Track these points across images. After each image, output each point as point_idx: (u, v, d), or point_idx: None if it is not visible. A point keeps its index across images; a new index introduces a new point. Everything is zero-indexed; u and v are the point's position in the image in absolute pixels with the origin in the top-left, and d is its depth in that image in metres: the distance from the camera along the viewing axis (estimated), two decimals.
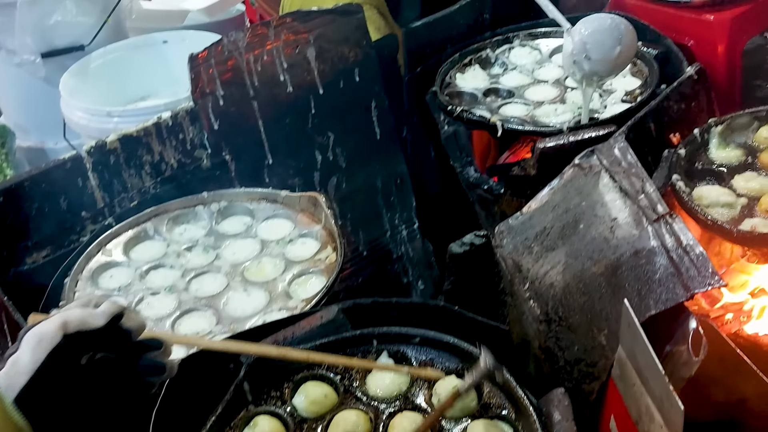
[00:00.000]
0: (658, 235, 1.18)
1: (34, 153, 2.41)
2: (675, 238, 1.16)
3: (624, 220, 1.25)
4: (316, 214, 1.74)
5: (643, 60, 2.04)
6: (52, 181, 1.66)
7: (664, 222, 1.19)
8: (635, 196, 1.27)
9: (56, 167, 1.67)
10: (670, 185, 1.58)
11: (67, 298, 1.55)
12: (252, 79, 1.86)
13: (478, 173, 2.04)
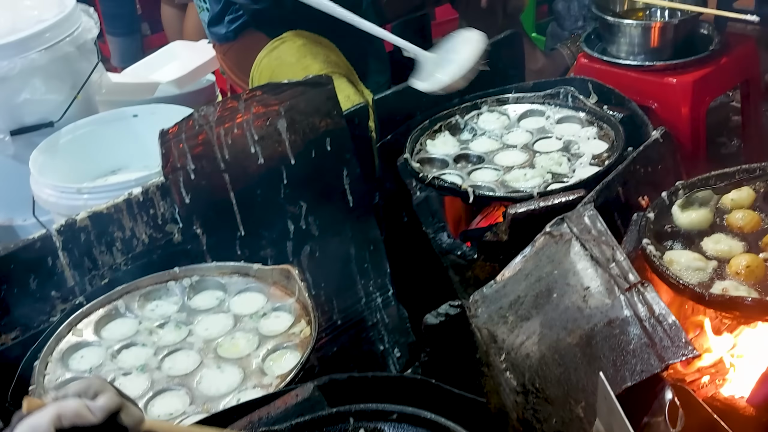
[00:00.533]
0: (631, 304, 1.19)
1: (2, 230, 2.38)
2: (647, 307, 1.17)
3: (596, 289, 1.26)
4: (289, 286, 1.73)
5: (609, 124, 2.09)
6: (21, 262, 1.64)
7: (636, 291, 1.20)
8: (606, 265, 1.29)
9: (25, 247, 1.65)
10: (640, 249, 1.59)
11: (37, 382, 1.51)
12: (223, 152, 1.87)
13: (451, 239, 2.04)
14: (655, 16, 2.45)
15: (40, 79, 2.23)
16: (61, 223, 1.69)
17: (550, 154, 2.04)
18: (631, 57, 2.32)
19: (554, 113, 2.20)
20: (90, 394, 0.97)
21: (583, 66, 2.40)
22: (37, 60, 2.21)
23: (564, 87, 2.22)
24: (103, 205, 1.74)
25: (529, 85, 2.30)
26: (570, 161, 2.01)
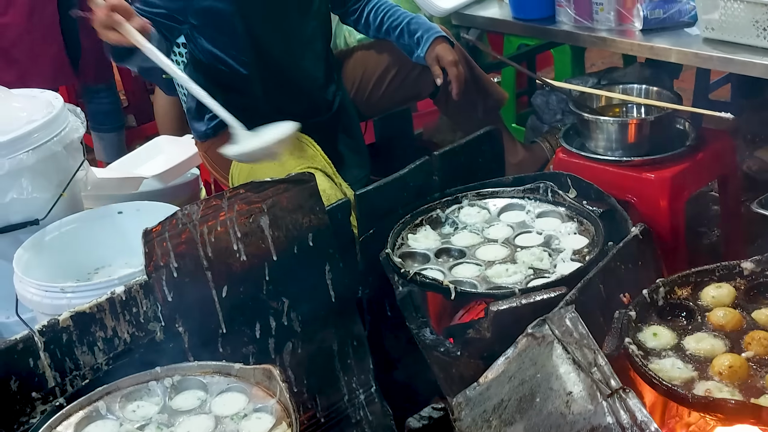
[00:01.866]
0: (613, 411, 1.19)
1: None
2: (630, 414, 1.17)
3: (579, 394, 1.27)
4: (270, 386, 1.72)
5: (588, 219, 2.12)
6: (2, 364, 1.63)
7: (618, 397, 1.21)
8: (588, 369, 1.29)
9: (7, 349, 1.64)
10: (623, 349, 1.60)
11: None
12: (206, 250, 1.88)
13: (435, 335, 2.04)
14: (631, 113, 2.51)
15: (28, 178, 2.25)
16: (44, 324, 1.69)
17: (531, 249, 2.07)
18: (609, 152, 2.37)
19: (534, 207, 2.24)
20: None
21: (561, 161, 2.45)
22: (25, 160, 2.23)
23: (543, 182, 2.27)
24: (86, 305, 1.74)
25: (509, 179, 2.34)
26: (551, 256, 2.03)
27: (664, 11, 2.49)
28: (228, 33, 2.38)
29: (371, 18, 2.66)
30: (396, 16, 2.62)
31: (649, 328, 1.68)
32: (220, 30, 2.38)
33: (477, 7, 2.99)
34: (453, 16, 2.99)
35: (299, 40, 2.49)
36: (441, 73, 2.55)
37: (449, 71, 2.55)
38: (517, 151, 2.86)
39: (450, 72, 2.55)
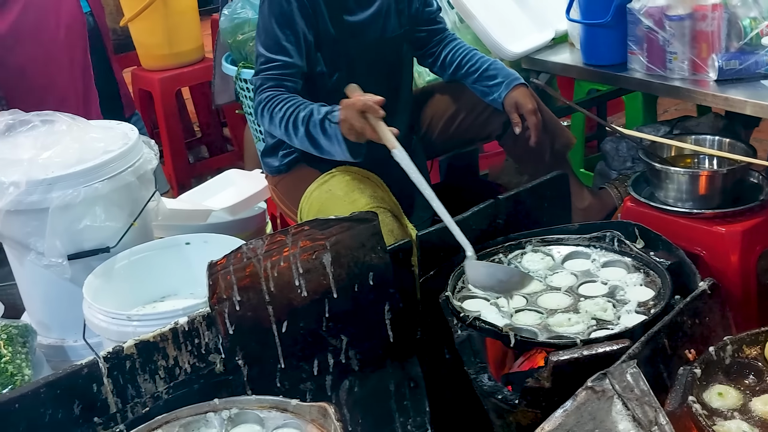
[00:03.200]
0: None
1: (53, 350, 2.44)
2: None
3: None
4: (325, 425, 1.72)
5: (655, 270, 2.08)
6: (67, 388, 1.67)
7: None
8: (648, 427, 1.26)
9: (73, 373, 1.68)
10: (686, 407, 1.56)
11: None
12: (269, 285, 1.91)
13: (493, 381, 2.02)
14: (703, 164, 2.47)
15: (101, 206, 2.33)
16: (109, 350, 1.73)
17: (595, 299, 2.03)
18: (679, 203, 2.33)
19: (600, 256, 2.20)
20: None
21: (629, 210, 2.41)
22: (100, 189, 2.31)
23: (610, 230, 2.23)
24: (150, 334, 1.78)
25: (575, 226, 2.32)
26: (615, 307, 1.99)
27: (740, 62, 2.44)
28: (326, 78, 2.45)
29: (447, 61, 2.69)
30: (474, 60, 2.64)
31: (715, 387, 1.63)
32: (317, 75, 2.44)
33: (548, 52, 2.99)
34: (523, 60, 2.99)
35: (392, 86, 2.54)
36: (520, 120, 2.56)
37: (528, 119, 2.55)
38: (584, 197, 2.83)
39: (529, 120, 2.55)
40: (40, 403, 1.64)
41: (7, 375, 2.12)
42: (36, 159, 2.31)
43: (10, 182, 2.28)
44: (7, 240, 2.44)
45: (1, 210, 2.25)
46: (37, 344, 2.33)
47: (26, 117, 2.48)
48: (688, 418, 1.57)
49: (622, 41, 2.67)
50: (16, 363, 2.15)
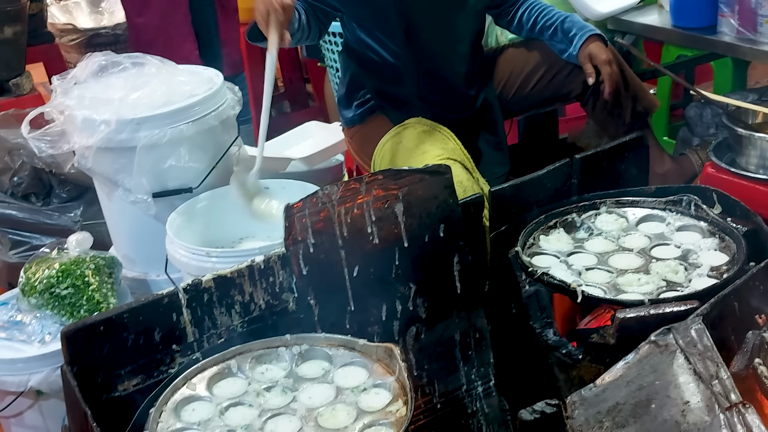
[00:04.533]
0: (730, 424, 1.17)
1: (137, 283, 2.56)
2: (746, 429, 1.15)
3: (696, 405, 1.25)
4: (390, 365, 1.78)
5: (731, 236, 2.05)
6: (149, 315, 1.76)
7: (737, 411, 1.18)
8: (709, 381, 1.27)
9: (154, 302, 1.77)
10: (751, 369, 1.55)
11: (150, 428, 1.61)
12: (341, 230, 1.96)
13: (558, 336, 2.04)
14: None
15: (186, 148, 2.42)
16: (188, 283, 1.81)
17: (667, 261, 2.02)
18: (761, 170, 2.28)
19: (675, 220, 2.18)
20: None
21: (709, 175, 2.37)
22: (185, 131, 2.40)
23: (687, 195, 2.21)
24: (228, 269, 1.85)
25: (652, 189, 2.29)
26: (687, 270, 1.98)
27: None
28: (382, 23, 2.46)
29: (524, 19, 2.67)
30: (550, 15, 2.62)
31: None
32: (374, 19, 2.46)
33: (635, 13, 2.94)
34: (609, 20, 2.95)
35: (451, 35, 2.54)
36: (593, 71, 2.53)
37: (602, 69, 2.52)
38: (663, 162, 2.79)
39: (603, 70, 2.52)
40: (122, 327, 1.73)
41: (93, 302, 2.25)
42: (126, 99, 2.40)
43: (101, 120, 2.38)
44: (98, 176, 2.56)
45: (93, 146, 2.36)
46: (122, 277, 2.45)
47: (118, 59, 2.58)
48: (753, 380, 1.56)
49: (713, 3, 2.60)
50: (102, 292, 2.28)
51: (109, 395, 1.71)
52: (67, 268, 2.28)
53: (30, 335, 2.24)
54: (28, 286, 2.27)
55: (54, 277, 2.26)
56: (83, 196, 3.05)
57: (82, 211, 3.01)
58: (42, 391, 2.23)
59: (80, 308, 2.23)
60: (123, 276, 2.46)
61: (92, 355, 1.69)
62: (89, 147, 2.36)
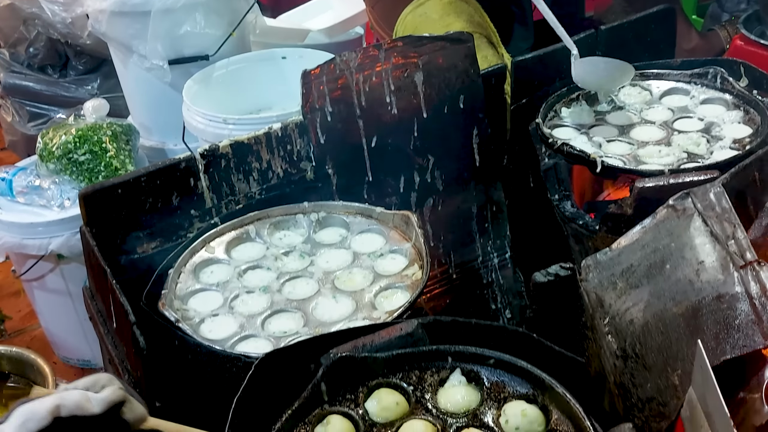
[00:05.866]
0: (744, 281, 1.17)
1: (155, 152, 2.57)
2: (760, 285, 1.15)
3: (711, 264, 1.24)
4: (407, 232, 1.79)
5: (756, 109, 2.01)
6: (166, 179, 1.77)
7: (751, 269, 1.18)
8: (725, 242, 1.26)
9: (172, 166, 1.78)
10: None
11: (169, 288, 1.65)
12: (360, 99, 1.94)
13: (575, 208, 2.03)
14: None
15: (201, 13, 2.37)
16: (205, 148, 1.81)
17: (689, 134, 1.99)
18: None
19: (699, 93, 2.14)
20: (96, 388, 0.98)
21: (738, 48, 2.30)
22: None
23: (713, 67, 2.15)
24: (245, 135, 1.85)
25: (677, 62, 2.24)
26: (709, 143, 1.95)
27: None
28: None
29: None
30: None
31: None
32: None
33: None
34: None
35: None
36: None
37: None
38: (691, 37, 2.70)
39: None
40: (140, 191, 1.75)
41: (111, 169, 2.27)
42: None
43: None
44: (113, 41, 2.53)
45: (106, 10, 2.32)
46: (140, 146, 2.46)
47: None
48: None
49: None
50: (120, 158, 2.29)
51: (128, 257, 1.74)
52: (84, 134, 2.28)
53: (49, 200, 2.27)
54: (45, 152, 2.28)
55: (71, 143, 2.27)
56: (100, 69, 3.03)
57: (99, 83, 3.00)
58: (63, 255, 2.28)
59: (98, 174, 2.25)
60: (141, 145, 2.47)
61: (110, 217, 1.72)
62: (103, 11, 2.32)
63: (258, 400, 1.30)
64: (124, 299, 1.49)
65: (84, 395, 0.94)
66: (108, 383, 0.98)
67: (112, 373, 1.70)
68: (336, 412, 1.31)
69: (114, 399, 0.96)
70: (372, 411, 1.32)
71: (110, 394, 0.96)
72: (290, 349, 1.38)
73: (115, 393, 0.96)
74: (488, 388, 1.34)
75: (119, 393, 0.97)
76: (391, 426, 1.29)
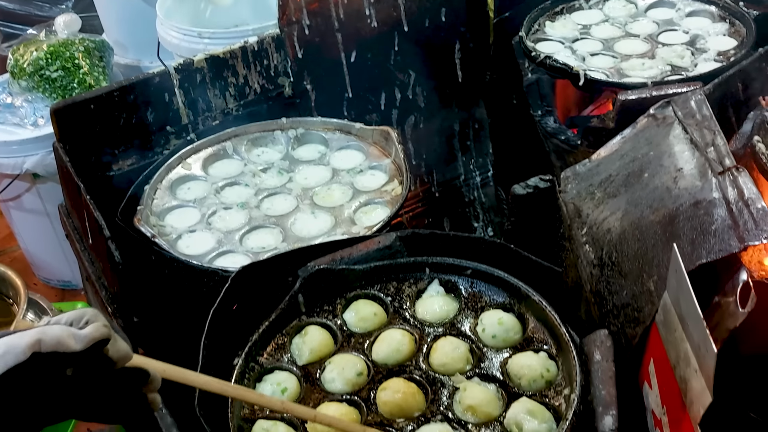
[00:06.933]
0: (721, 187, 1.16)
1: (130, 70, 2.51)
2: (738, 191, 1.14)
3: (689, 171, 1.23)
4: (387, 148, 1.77)
5: (741, 21, 1.97)
6: (140, 94, 1.73)
7: (729, 174, 1.17)
8: (704, 149, 1.25)
9: (146, 81, 1.74)
10: (749, 147, 1.53)
11: (146, 204, 1.63)
12: (338, 11, 1.89)
13: (558, 123, 2.01)
14: None
15: None
16: (180, 62, 1.77)
17: (674, 46, 1.96)
18: None
19: (685, 6, 2.10)
20: (80, 323, 0.93)
21: None
22: None
23: None
24: (221, 50, 1.81)
25: None
26: (693, 55, 1.92)
27: None
28: None
29: None
30: None
31: None
32: None
33: None
34: None
35: None
36: None
37: None
38: None
39: None
40: (114, 106, 1.71)
41: (85, 86, 2.22)
42: None
43: None
44: None
45: None
46: (115, 63, 2.40)
47: None
48: (750, 158, 1.55)
49: None
50: (93, 75, 2.24)
51: (103, 174, 1.72)
52: (56, 50, 2.22)
53: (22, 118, 2.23)
54: (17, 69, 2.23)
55: (43, 59, 2.21)
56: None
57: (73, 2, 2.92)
58: (38, 174, 2.25)
59: (72, 91, 2.20)
60: (115, 63, 2.41)
61: (84, 134, 1.69)
62: None
63: (235, 312, 1.30)
64: (98, 214, 1.47)
65: (66, 331, 0.90)
66: (93, 319, 0.93)
67: (89, 290, 1.70)
68: (314, 323, 1.32)
69: (97, 336, 0.91)
70: (350, 321, 1.32)
71: (93, 331, 0.91)
72: (268, 262, 1.38)
73: (99, 330, 0.91)
74: (465, 298, 1.34)
75: (103, 330, 0.92)
76: (369, 336, 1.30)
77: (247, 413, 1.19)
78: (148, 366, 0.98)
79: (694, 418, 0.99)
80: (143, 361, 0.99)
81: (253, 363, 1.26)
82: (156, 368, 0.99)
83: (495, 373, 1.21)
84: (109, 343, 0.93)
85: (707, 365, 0.94)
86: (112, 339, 0.93)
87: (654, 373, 1.12)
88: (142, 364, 0.98)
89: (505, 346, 1.25)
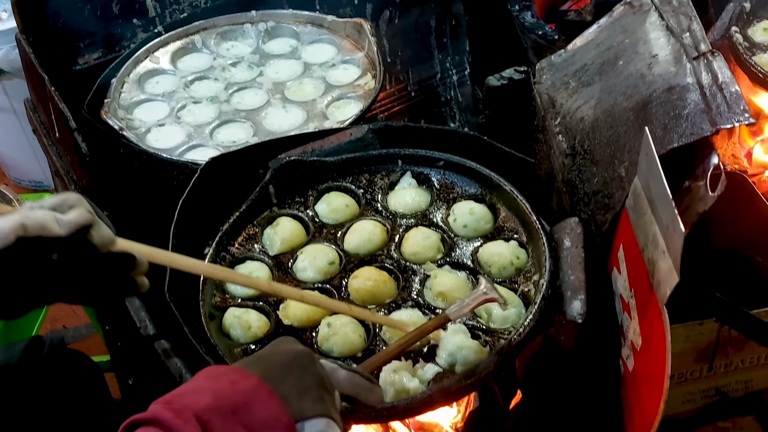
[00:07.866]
0: (696, 72, 1.14)
1: None
2: (712, 75, 1.12)
3: (664, 57, 1.21)
4: (359, 41, 1.73)
5: None
6: None
7: (704, 59, 1.15)
8: (680, 34, 1.23)
9: None
10: (727, 37, 1.52)
11: (113, 97, 1.60)
12: None
13: (535, 18, 1.97)
14: None
15: None
16: None
17: None
18: None
19: None
20: (63, 208, 0.91)
21: None
22: None
23: None
24: None
25: None
26: None
27: None
28: None
29: None
30: None
31: (761, 23, 1.57)
32: None
33: None
34: None
35: None
36: None
37: None
38: None
39: None
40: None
41: None
42: None
43: None
44: None
45: None
46: None
47: None
48: (728, 50, 1.53)
49: None
50: None
51: (69, 68, 1.67)
52: None
53: None
54: None
55: None
56: None
57: None
58: (3, 70, 2.19)
59: None
60: None
61: (47, 26, 1.63)
62: None
63: (205, 203, 1.29)
64: (63, 105, 1.44)
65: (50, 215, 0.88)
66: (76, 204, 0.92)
67: (59, 185, 1.68)
68: (285, 215, 1.31)
69: (81, 222, 0.90)
70: (321, 213, 1.31)
71: (77, 217, 0.89)
72: (238, 154, 1.36)
73: (83, 216, 0.90)
74: (438, 189, 1.33)
75: (87, 216, 0.90)
76: (341, 227, 1.29)
77: (218, 301, 1.19)
78: (134, 250, 0.97)
79: (660, 298, 1.00)
80: (129, 245, 0.98)
81: (224, 252, 1.25)
82: (142, 252, 0.98)
83: (465, 261, 1.22)
84: (93, 228, 0.92)
85: (675, 245, 0.94)
86: (95, 224, 0.92)
87: (623, 258, 1.12)
88: (128, 248, 0.97)
89: (476, 236, 1.25)
